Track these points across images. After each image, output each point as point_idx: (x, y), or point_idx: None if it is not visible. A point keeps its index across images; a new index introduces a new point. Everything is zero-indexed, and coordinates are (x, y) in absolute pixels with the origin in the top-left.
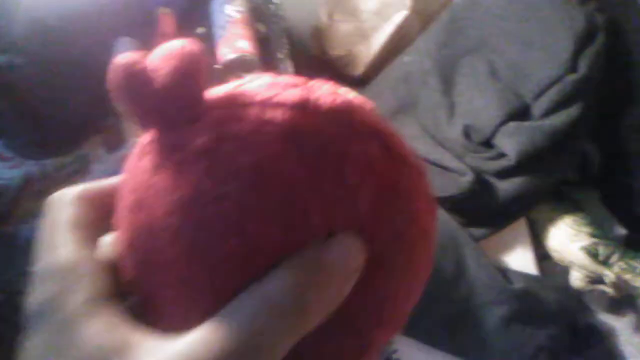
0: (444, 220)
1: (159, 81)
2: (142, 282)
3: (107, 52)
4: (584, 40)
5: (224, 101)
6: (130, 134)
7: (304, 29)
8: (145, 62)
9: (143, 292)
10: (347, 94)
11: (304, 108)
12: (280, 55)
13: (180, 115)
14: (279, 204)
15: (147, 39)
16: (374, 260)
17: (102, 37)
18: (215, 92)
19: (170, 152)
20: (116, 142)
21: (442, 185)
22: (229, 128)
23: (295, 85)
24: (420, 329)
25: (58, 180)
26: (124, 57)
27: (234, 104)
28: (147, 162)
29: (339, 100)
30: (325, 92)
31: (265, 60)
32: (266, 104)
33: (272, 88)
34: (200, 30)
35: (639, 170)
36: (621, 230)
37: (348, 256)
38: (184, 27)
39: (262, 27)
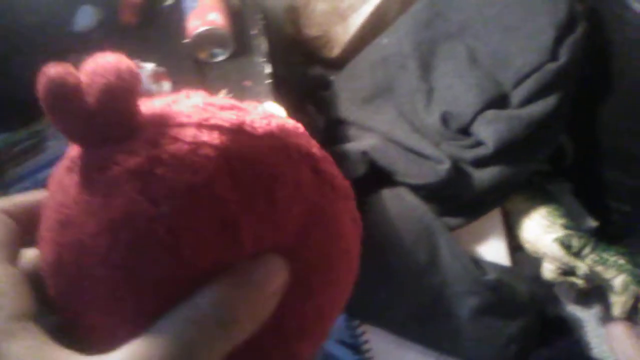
0: (419, 208)
1: (90, 97)
2: (69, 300)
3: (68, 21)
4: (565, 28)
5: (158, 119)
6: None
7: (279, 6)
8: (77, 77)
9: (70, 310)
10: (281, 118)
11: (239, 131)
12: (253, 32)
13: (110, 133)
14: (212, 226)
15: (111, 8)
16: (300, 278)
17: (62, 5)
18: (148, 107)
19: (99, 169)
20: None
21: (418, 172)
22: (164, 148)
23: (231, 108)
24: (392, 320)
25: (11, 157)
26: (55, 69)
27: (169, 124)
28: (74, 178)
29: (273, 124)
30: (260, 115)
31: (238, 36)
32: (202, 125)
33: (207, 109)
34: (169, 1)
35: (612, 163)
36: (593, 223)
37: (272, 274)
38: None
39: (235, 1)
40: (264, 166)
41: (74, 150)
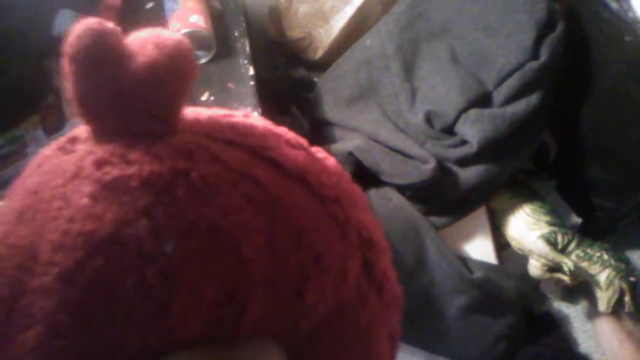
0: (405, 208)
1: (131, 71)
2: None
3: (46, 24)
4: (546, 27)
5: (201, 127)
6: (72, 115)
7: (262, 8)
8: (122, 40)
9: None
10: (351, 181)
11: (300, 182)
12: (236, 34)
13: (138, 122)
14: (217, 290)
15: (91, 13)
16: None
17: (41, 8)
18: (193, 112)
19: (100, 163)
20: (56, 123)
21: (403, 172)
22: (196, 165)
23: (299, 146)
24: None
25: None
26: (98, 22)
27: (213, 136)
28: (65, 162)
29: (342, 187)
30: (332, 169)
31: (220, 38)
32: (257, 153)
33: (269, 136)
34: (149, 4)
35: (594, 160)
36: (576, 219)
37: None
38: (133, 0)
39: (217, 4)
40: (313, 240)
41: (78, 131)
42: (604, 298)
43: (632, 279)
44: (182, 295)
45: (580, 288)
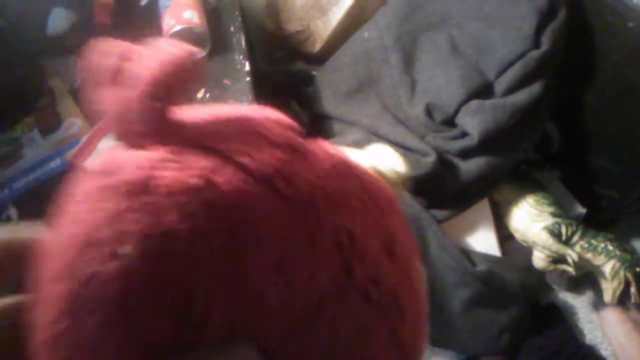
0: (406, 201)
1: (124, 82)
2: None
3: (40, 23)
4: (547, 15)
5: (188, 131)
6: (67, 115)
7: (259, 2)
8: (135, 53)
9: None
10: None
11: (273, 183)
12: (231, 29)
13: (131, 131)
14: (173, 296)
15: (84, 11)
16: None
17: (35, 7)
18: (190, 114)
19: (104, 173)
20: (51, 124)
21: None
22: (161, 172)
23: (286, 143)
24: None
25: None
26: (115, 42)
27: (193, 140)
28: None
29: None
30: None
31: (215, 33)
32: (230, 158)
33: (254, 139)
34: (144, 1)
35: (599, 149)
36: (581, 209)
37: None
38: None
39: None
40: (274, 245)
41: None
42: (609, 289)
43: (637, 269)
44: (136, 300)
45: (586, 278)
